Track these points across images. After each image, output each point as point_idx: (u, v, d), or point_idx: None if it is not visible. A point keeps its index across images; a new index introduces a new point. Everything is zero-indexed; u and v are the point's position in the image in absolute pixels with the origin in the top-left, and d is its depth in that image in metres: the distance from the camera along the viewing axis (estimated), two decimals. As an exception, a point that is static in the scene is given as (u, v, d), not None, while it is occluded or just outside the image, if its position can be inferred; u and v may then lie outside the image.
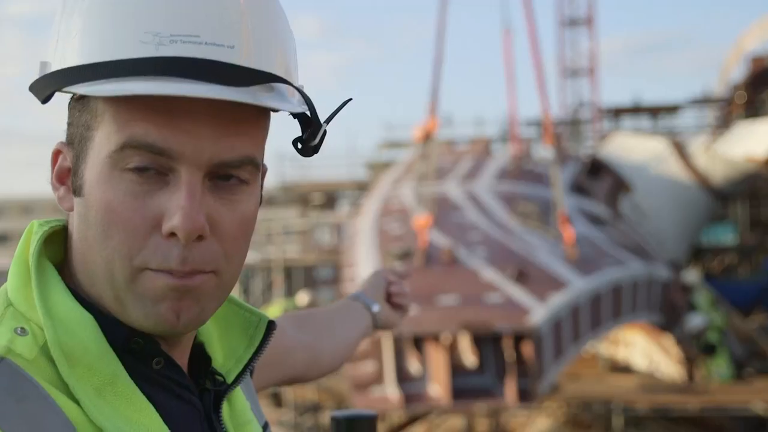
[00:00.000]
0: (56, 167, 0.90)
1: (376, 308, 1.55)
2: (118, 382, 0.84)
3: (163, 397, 0.88)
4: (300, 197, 24.29)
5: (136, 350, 0.87)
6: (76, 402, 0.81)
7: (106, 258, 0.84)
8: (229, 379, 0.97)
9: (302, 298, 14.27)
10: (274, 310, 14.24)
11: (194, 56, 0.81)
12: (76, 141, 0.88)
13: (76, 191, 0.87)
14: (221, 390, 0.96)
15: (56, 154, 0.90)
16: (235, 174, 0.87)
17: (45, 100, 0.86)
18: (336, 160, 25.74)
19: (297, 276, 21.16)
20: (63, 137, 0.92)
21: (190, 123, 0.83)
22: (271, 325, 0.99)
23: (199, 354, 0.97)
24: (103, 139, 0.84)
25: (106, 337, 0.85)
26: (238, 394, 1.00)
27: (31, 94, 0.90)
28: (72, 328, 0.84)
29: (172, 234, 0.83)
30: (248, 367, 0.98)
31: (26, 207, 48.39)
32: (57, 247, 0.92)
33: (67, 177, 0.90)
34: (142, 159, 0.83)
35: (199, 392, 0.94)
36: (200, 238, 0.84)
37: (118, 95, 0.81)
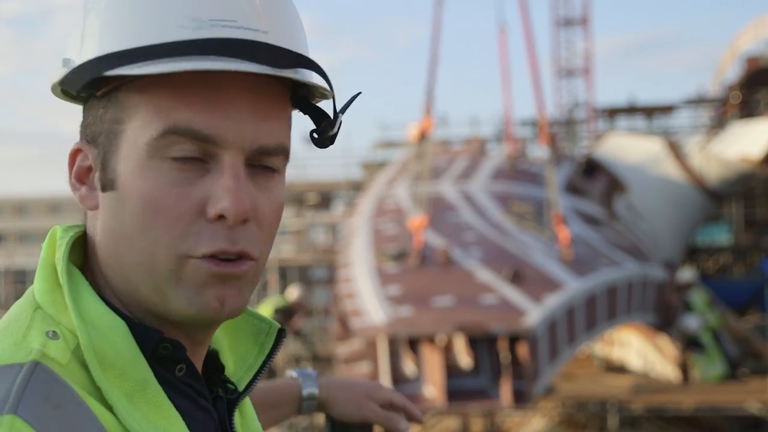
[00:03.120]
0: (75, 167, 0.90)
1: (306, 392, 1.40)
2: (148, 389, 0.84)
3: (185, 404, 0.88)
4: (295, 197, 24.24)
5: (164, 356, 0.87)
6: (109, 408, 0.81)
7: (146, 249, 0.85)
8: (241, 387, 0.97)
9: (291, 293, 14.25)
10: (264, 309, 14.23)
11: (235, 38, 0.83)
12: (101, 138, 0.87)
13: (106, 186, 0.87)
14: (233, 398, 0.96)
15: (74, 154, 0.90)
16: (269, 163, 0.88)
17: (80, 90, 0.87)
18: (331, 159, 25.70)
19: (292, 276, 21.16)
20: (76, 138, 0.92)
21: (231, 107, 0.84)
22: (281, 333, 0.99)
23: (213, 361, 0.97)
24: (139, 129, 0.85)
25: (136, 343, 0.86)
26: (247, 402, 1.01)
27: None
28: (105, 333, 0.84)
29: (220, 217, 0.84)
30: (259, 375, 0.98)
31: (20, 207, 48.30)
32: (78, 252, 0.92)
33: (87, 176, 0.90)
34: (186, 147, 0.84)
35: (213, 400, 0.94)
36: (245, 221, 0.86)
37: (170, 71, 0.81)
